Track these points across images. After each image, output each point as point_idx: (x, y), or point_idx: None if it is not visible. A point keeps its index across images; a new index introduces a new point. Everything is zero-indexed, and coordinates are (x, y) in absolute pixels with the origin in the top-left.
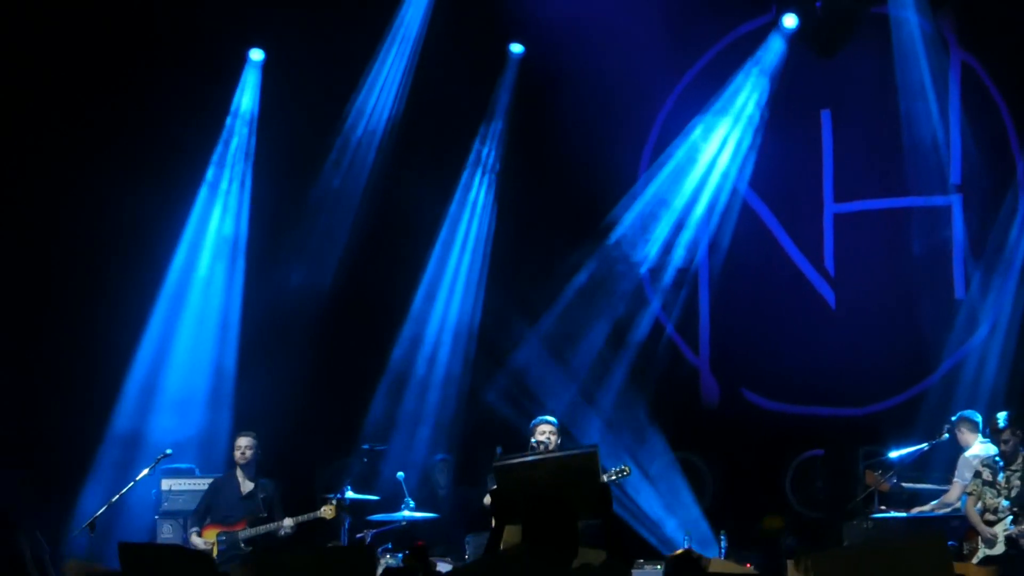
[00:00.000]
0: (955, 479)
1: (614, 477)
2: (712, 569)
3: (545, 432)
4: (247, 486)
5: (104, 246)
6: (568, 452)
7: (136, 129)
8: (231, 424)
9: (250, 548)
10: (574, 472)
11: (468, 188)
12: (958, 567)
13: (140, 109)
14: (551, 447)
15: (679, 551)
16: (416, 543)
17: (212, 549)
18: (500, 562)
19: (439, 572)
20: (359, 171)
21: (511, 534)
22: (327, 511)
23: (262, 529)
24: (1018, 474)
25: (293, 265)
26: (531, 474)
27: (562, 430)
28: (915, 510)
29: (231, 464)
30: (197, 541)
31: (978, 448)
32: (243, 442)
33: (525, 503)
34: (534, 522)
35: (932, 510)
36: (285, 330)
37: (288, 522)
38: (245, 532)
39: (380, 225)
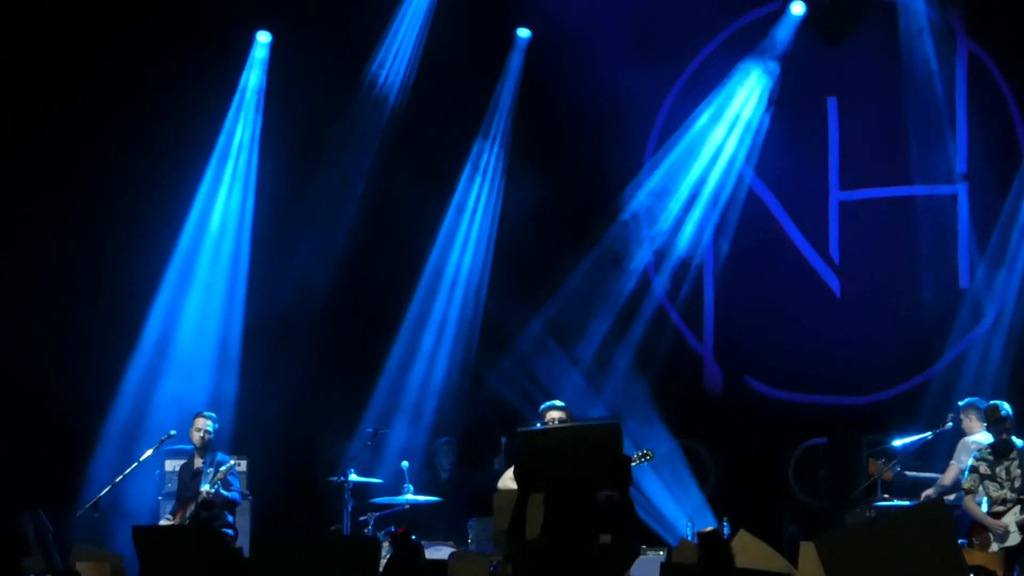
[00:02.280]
0: (952, 462)
1: (637, 461)
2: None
3: (554, 418)
4: (198, 463)
5: (109, 226)
6: (592, 422)
7: (145, 107)
8: (234, 406)
9: (207, 513)
10: (597, 442)
11: (473, 174)
12: (974, 556)
13: (147, 89)
14: None
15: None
16: (397, 529)
17: None
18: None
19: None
20: (365, 153)
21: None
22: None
23: (192, 506)
24: (1016, 463)
25: (298, 248)
26: (555, 440)
27: (568, 416)
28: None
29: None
30: (163, 524)
31: (981, 436)
32: (200, 423)
33: (547, 473)
34: (554, 499)
35: (934, 494)
36: (290, 313)
37: (205, 487)
38: (190, 510)
39: (386, 208)
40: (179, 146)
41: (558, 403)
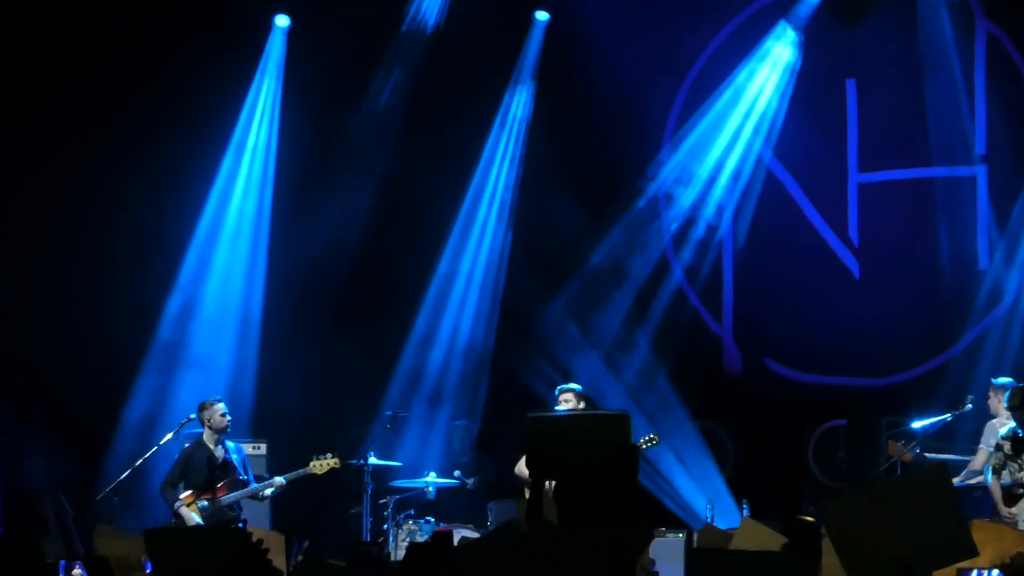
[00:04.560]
0: (981, 446)
1: (644, 446)
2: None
3: (570, 400)
4: (219, 451)
5: (128, 212)
6: (601, 412)
7: (164, 90)
8: (254, 388)
9: (237, 512)
10: (606, 431)
11: (492, 158)
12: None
13: (166, 72)
14: None
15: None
16: (441, 531)
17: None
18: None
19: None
20: (384, 137)
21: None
22: (315, 466)
23: (248, 491)
24: None
25: (316, 231)
26: (564, 428)
27: (585, 398)
28: None
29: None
30: (187, 513)
31: (1005, 416)
32: (224, 408)
33: (558, 461)
34: (567, 486)
35: (962, 481)
36: (309, 297)
37: (279, 480)
38: (228, 496)
39: (405, 192)
40: (197, 132)
41: (573, 385)
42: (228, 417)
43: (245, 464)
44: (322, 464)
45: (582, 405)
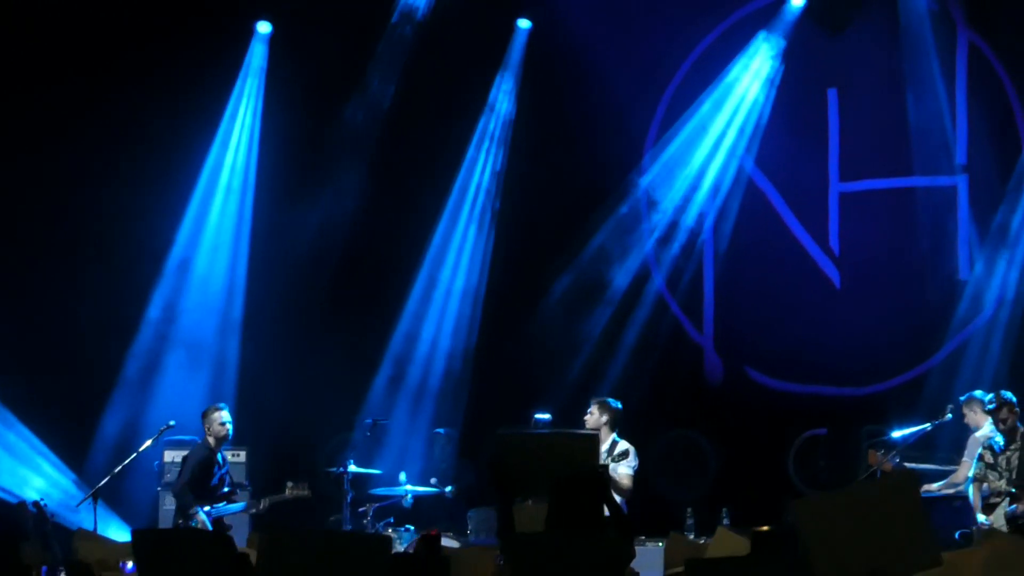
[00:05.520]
0: (964, 458)
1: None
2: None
3: (593, 414)
4: (219, 459)
5: (107, 221)
6: (569, 432)
7: (147, 95)
8: (234, 397)
9: (230, 525)
10: (571, 451)
11: (474, 163)
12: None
13: (148, 78)
14: None
15: (764, 527)
16: (430, 532)
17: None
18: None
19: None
20: (366, 143)
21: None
22: (289, 491)
23: (240, 507)
24: (1017, 454)
25: (297, 238)
26: (532, 446)
27: (565, 409)
28: (922, 489)
29: (200, 438)
30: (205, 519)
31: (988, 428)
32: (226, 416)
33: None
34: (563, 493)
35: (939, 490)
36: (290, 304)
37: (264, 503)
38: (229, 507)
39: (386, 199)
40: (178, 138)
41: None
42: (227, 425)
43: (231, 477)
44: (294, 492)
45: (605, 419)
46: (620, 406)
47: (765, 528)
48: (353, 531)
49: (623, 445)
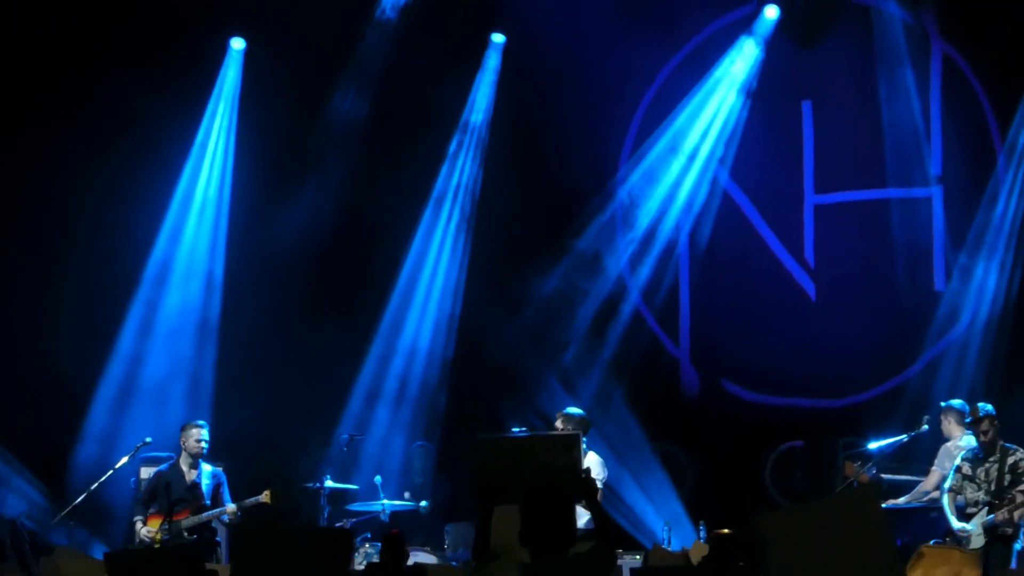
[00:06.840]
0: (934, 467)
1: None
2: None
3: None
4: (191, 475)
5: (82, 230)
6: (551, 434)
7: (119, 110)
8: (210, 412)
9: (194, 537)
10: (557, 453)
11: (450, 176)
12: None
13: (122, 94)
14: None
15: (724, 531)
16: (391, 531)
17: (156, 538)
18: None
19: (416, 564)
20: (340, 155)
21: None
22: (266, 496)
23: (204, 516)
24: (996, 466)
25: (272, 250)
26: (513, 450)
27: (542, 423)
28: (889, 502)
29: (177, 453)
30: (143, 530)
31: (961, 439)
32: (203, 434)
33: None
34: (533, 508)
35: (908, 501)
36: (266, 317)
37: (231, 507)
38: (188, 521)
39: (362, 213)
40: (152, 154)
41: (573, 411)
42: (203, 443)
43: (220, 490)
44: (268, 495)
45: (570, 428)
46: (582, 413)
47: (725, 531)
48: (318, 526)
49: (589, 458)
